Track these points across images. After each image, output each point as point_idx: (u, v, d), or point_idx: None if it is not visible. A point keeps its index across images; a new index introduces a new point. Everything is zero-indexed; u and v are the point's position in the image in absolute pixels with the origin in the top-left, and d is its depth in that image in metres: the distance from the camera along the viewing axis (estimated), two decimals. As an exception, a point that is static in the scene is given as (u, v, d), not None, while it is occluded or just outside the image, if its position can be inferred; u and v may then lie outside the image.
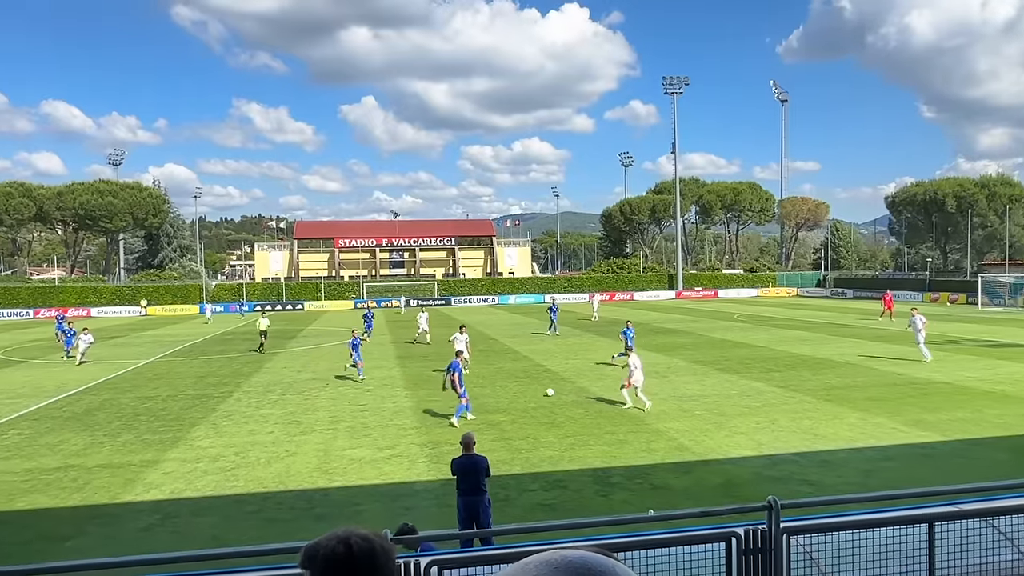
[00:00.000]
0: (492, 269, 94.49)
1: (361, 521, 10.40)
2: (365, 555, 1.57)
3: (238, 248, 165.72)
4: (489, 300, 74.78)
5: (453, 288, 78.01)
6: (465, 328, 25.15)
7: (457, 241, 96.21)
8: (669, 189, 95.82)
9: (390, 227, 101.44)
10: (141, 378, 25.03)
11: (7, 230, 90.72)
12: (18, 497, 11.89)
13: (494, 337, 37.28)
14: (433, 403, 19.01)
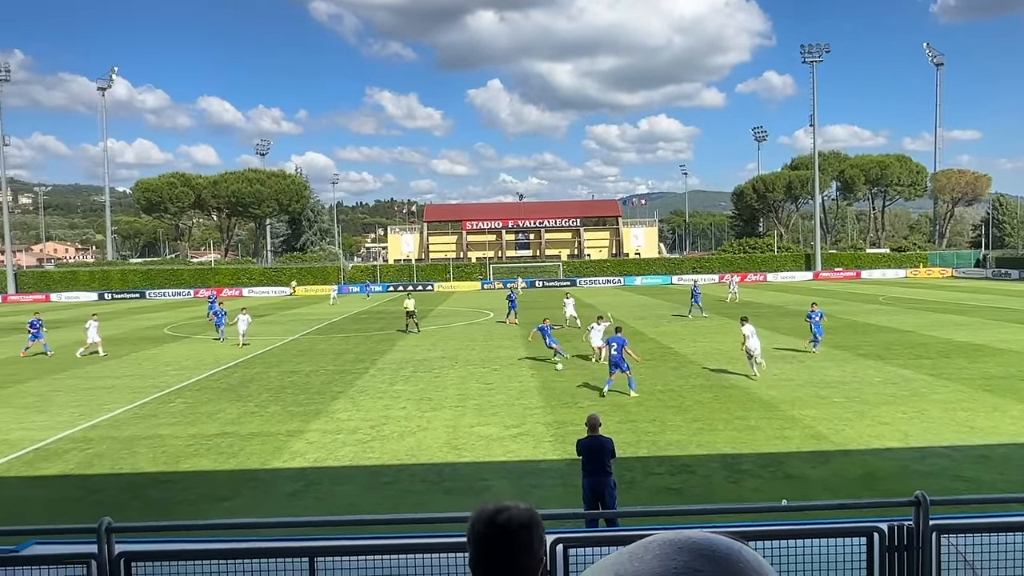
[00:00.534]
0: (618, 250, 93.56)
1: (489, 498, 10.68)
2: (522, 523, 1.77)
3: (372, 231, 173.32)
4: (615, 281, 74.17)
5: (578, 269, 77.95)
6: (604, 318, 23.55)
7: (582, 222, 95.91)
8: (807, 164, 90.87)
9: (516, 209, 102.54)
10: (287, 354, 26.80)
11: (171, 217, 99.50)
12: (184, 459, 13.10)
13: (620, 319, 36.94)
14: (559, 383, 19.15)
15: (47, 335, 29.08)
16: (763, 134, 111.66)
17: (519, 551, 1.78)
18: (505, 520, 1.77)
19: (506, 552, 1.77)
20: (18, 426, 15.93)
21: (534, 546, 1.81)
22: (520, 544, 1.78)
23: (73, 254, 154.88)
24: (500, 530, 1.77)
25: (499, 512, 1.80)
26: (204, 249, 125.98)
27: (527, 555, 1.79)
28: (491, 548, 1.77)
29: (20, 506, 10.88)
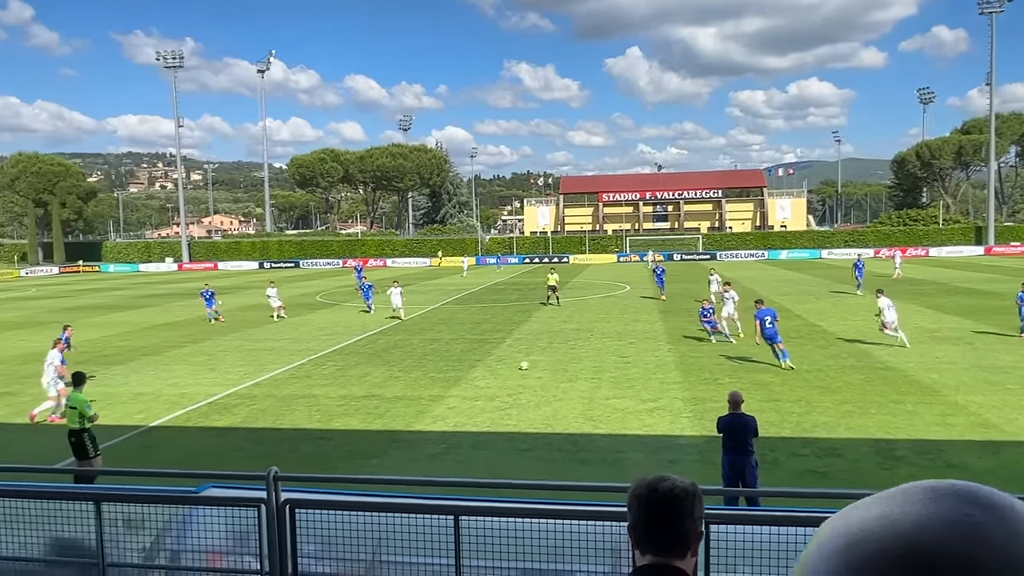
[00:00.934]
0: (762, 222, 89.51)
1: (624, 471, 10.68)
2: (686, 491, 1.88)
3: (509, 204, 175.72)
4: (758, 255, 71.08)
5: (719, 242, 75.38)
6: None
7: (724, 193, 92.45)
8: (981, 127, 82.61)
9: (654, 180, 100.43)
10: (428, 322, 27.87)
11: (322, 191, 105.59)
12: (336, 418, 14.02)
13: (763, 294, 35.45)
14: (698, 359, 18.71)
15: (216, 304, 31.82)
16: (929, 95, 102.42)
17: (683, 517, 1.86)
18: (669, 487, 1.87)
19: (669, 518, 1.85)
20: (194, 382, 17.64)
21: (695, 514, 1.89)
22: (683, 511, 1.86)
23: (236, 226, 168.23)
24: (664, 496, 1.86)
25: (662, 480, 1.90)
26: (351, 221, 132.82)
27: (690, 522, 1.88)
28: (655, 513, 1.86)
29: (197, 453, 12.07)
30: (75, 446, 10.24)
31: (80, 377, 10.78)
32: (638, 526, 1.90)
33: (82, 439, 10.22)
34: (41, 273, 75.04)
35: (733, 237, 77.42)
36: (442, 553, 5.03)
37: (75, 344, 21.74)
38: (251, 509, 5.09)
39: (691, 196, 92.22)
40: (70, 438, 10.28)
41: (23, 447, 12.61)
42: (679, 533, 1.87)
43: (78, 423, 10.23)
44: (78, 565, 5.46)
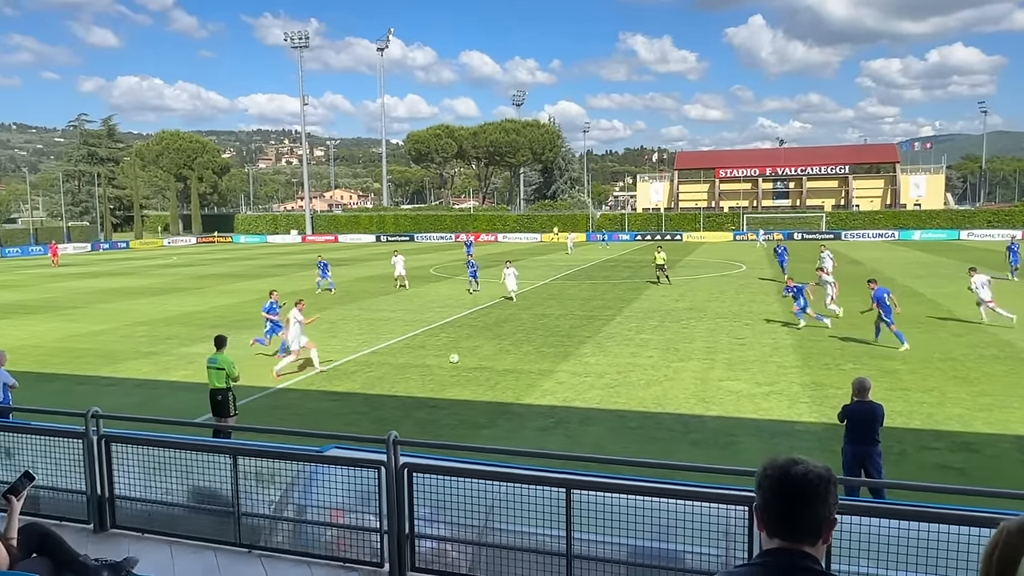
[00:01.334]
0: (893, 200, 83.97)
1: (737, 454, 10.41)
2: (820, 476, 1.82)
3: (621, 179, 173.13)
4: (887, 235, 66.79)
5: (844, 221, 71.32)
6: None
7: (851, 169, 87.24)
8: None
9: (775, 155, 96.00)
10: (538, 297, 28.03)
11: (436, 166, 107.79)
12: (448, 388, 14.40)
13: (891, 277, 33.36)
14: (818, 343, 17.89)
15: (332, 274, 33.24)
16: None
17: (817, 503, 1.81)
18: (803, 472, 1.82)
19: (802, 503, 1.80)
20: (318, 348, 18.55)
21: (829, 500, 1.82)
22: (817, 497, 1.81)
23: (355, 200, 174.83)
24: (798, 480, 1.81)
25: (795, 463, 1.84)
26: (464, 196, 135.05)
27: (823, 508, 1.82)
28: (787, 497, 1.81)
29: (320, 414, 12.74)
30: (220, 404, 10.91)
31: (222, 340, 11.39)
32: (768, 510, 1.85)
33: (227, 398, 10.93)
34: (181, 243, 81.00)
35: (860, 216, 73.01)
36: (553, 524, 5.08)
37: (210, 309, 23.33)
38: (372, 470, 5.32)
39: (815, 172, 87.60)
40: (215, 396, 10.92)
41: (168, 402, 13.72)
42: (812, 520, 1.81)
43: (224, 383, 10.88)
44: (216, 513, 5.90)
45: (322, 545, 5.63)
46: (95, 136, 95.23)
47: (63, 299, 30.16)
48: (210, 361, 11.01)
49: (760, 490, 1.87)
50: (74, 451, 6.28)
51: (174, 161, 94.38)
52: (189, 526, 5.96)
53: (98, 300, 29.66)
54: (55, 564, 4.04)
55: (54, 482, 6.43)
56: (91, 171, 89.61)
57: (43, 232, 74.38)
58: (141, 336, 20.80)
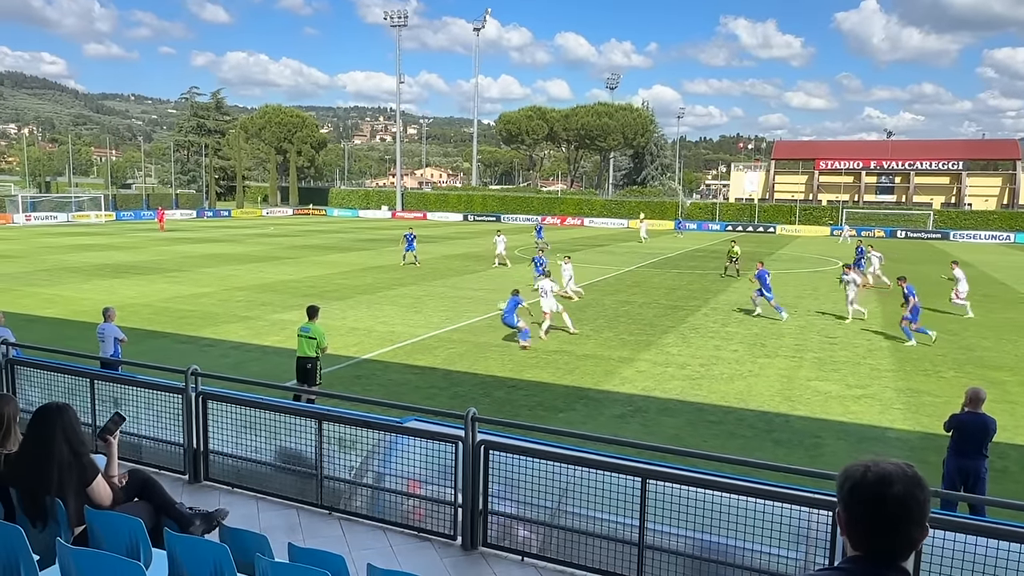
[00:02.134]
0: (1012, 200, 78.47)
1: (821, 456, 10.04)
2: (918, 488, 1.71)
3: (714, 167, 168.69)
4: (1001, 237, 62.54)
5: (954, 220, 67.16)
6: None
7: (966, 165, 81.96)
8: None
9: (881, 148, 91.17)
10: (621, 284, 27.74)
11: (526, 148, 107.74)
12: (527, 369, 14.47)
13: (1003, 281, 31.30)
14: (917, 347, 17.00)
15: (417, 247, 33.86)
16: None
17: (912, 524, 1.70)
18: (901, 495, 1.69)
19: (897, 522, 1.70)
20: (401, 322, 19.00)
21: (925, 520, 1.72)
22: (913, 518, 1.70)
23: (445, 179, 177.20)
24: (896, 503, 1.69)
25: (891, 481, 1.71)
26: (552, 179, 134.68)
27: (918, 530, 1.71)
28: (882, 516, 1.71)
29: (401, 386, 13.06)
30: (308, 372, 11.23)
31: (315, 310, 11.74)
32: (858, 524, 1.74)
33: (315, 366, 11.27)
34: (278, 213, 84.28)
35: (972, 215, 68.57)
36: (626, 512, 5.04)
37: (303, 278, 24.18)
38: (449, 445, 5.41)
39: (924, 167, 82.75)
40: (304, 364, 11.25)
41: (261, 365, 14.35)
42: (907, 539, 1.71)
43: (314, 351, 11.22)
44: (300, 474, 6.15)
45: (398, 513, 5.79)
46: (204, 108, 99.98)
47: (170, 262, 31.95)
48: (302, 330, 11.31)
49: (849, 505, 1.75)
50: (174, 405, 6.68)
51: (275, 135, 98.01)
52: (275, 484, 6.24)
53: (201, 264, 31.27)
54: (155, 509, 4.31)
55: (155, 433, 6.85)
56: (199, 142, 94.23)
57: (154, 198, 78.88)
58: (239, 301, 21.81)
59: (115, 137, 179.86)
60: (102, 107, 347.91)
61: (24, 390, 7.68)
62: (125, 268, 29.59)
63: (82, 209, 65.69)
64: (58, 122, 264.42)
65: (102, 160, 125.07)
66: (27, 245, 39.11)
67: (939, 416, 11.65)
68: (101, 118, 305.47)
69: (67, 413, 3.99)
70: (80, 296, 22.05)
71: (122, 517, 3.71)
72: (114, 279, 26.36)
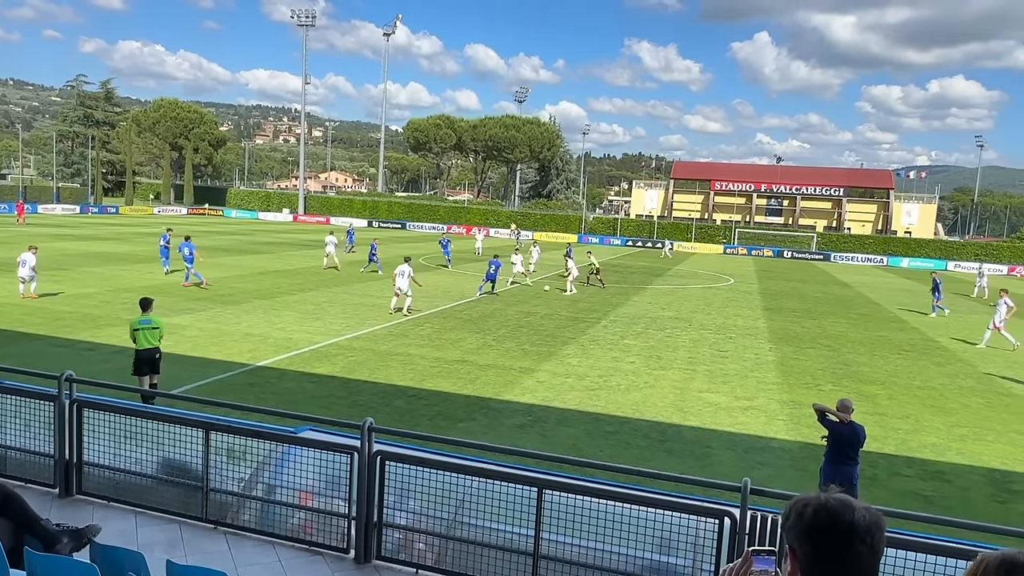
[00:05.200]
0: (884, 226, 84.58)
1: (711, 466, 10.44)
2: (874, 524, 1.66)
3: (617, 184, 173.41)
4: (875, 260, 67.27)
5: (835, 243, 71.74)
6: None
7: (846, 192, 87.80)
8: None
9: (771, 172, 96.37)
10: (525, 295, 28.01)
11: (434, 156, 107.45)
12: (428, 379, 14.35)
13: (877, 302, 33.62)
14: (800, 361, 17.98)
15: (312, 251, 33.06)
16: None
17: (869, 555, 1.68)
18: (852, 521, 1.66)
19: (853, 554, 1.66)
20: (299, 328, 18.46)
21: (878, 549, 1.69)
22: (870, 549, 1.67)
23: (350, 184, 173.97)
24: (849, 529, 1.66)
25: (843, 508, 1.68)
26: (459, 189, 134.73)
27: (872, 560, 1.69)
28: (836, 547, 1.67)
29: (297, 395, 12.67)
30: (157, 362, 11.43)
31: (149, 301, 11.84)
32: (810, 558, 1.68)
33: (161, 356, 11.54)
34: (171, 212, 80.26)
35: (851, 239, 73.47)
36: (522, 523, 5.06)
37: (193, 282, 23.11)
38: (344, 455, 5.28)
39: (809, 192, 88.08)
40: (153, 355, 11.36)
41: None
42: (863, 571, 1.67)
43: (158, 342, 11.49)
44: (184, 486, 5.84)
45: (289, 527, 5.59)
46: (92, 98, 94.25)
47: (48, 260, 29.79)
48: (142, 322, 11.38)
49: (799, 536, 1.69)
50: (45, 413, 6.21)
51: (170, 130, 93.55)
52: (156, 497, 5.90)
53: (83, 263, 29.37)
54: (15, 525, 3.98)
55: (22, 443, 6.35)
56: (86, 133, 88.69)
57: (32, 191, 73.46)
58: (124, 303, 20.59)
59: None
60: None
61: None
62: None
63: (-53, 199, 60.39)
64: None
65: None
66: None
67: (818, 427, 12.36)
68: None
69: None
70: (-59, 294, 20.24)
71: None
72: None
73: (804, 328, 23.38)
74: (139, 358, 11.33)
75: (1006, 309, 21.76)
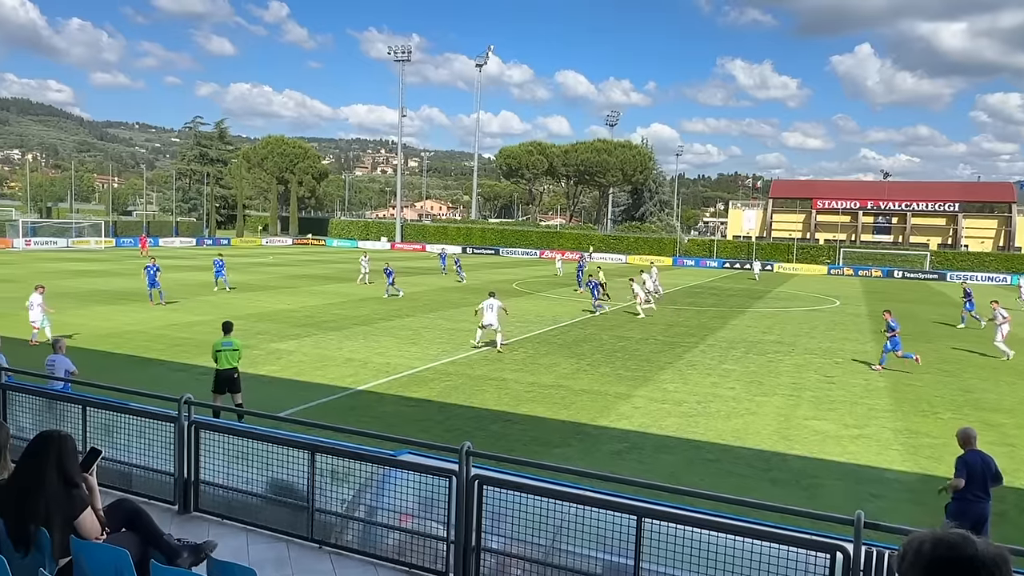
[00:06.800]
0: (1007, 243, 78.92)
1: (819, 497, 9.93)
2: (996, 561, 1.57)
3: (712, 205, 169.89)
4: (997, 279, 62.74)
5: (950, 261, 67.46)
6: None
7: (962, 207, 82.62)
8: None
9: (878, 188, 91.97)
10: (619, 319, 27.72)
11: (526, 182, 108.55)
12: (523, 403, 14.38)
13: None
14: (915, 387, 16.94)
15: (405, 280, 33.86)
16: None
17: None
18: (971, 556, 1.57)
19: None
20: (398, 353, 18.93)
21: None
22: None
23: (444, 211, 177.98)
24: (970, 561, 1.57)
25: (961, 544, 1.59)
26: (551, 213, 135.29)
27: None
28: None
29: (395, 418, 12.95)
30: (236, 381, 12.25)
31: (230, 325, 12.84)
32: None
33: (239, 376, 12.37)
34: (278, 243, 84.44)
35: (969, 256, 68.91)
36: (621, 552, 4.96)
37: (299, 308, 24.10)
38: (443, 479, 5.35)
39: (921, 208, 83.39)
40: (232, 375, 12.20)
41: (255, 395, 14.22)
42: None
43: (238, 362, 12.41)
44: (291, 507, 6.06)
45: (389, 548, 5.69)
46: (207, 138, 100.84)
47: (167, 290, 31.91)
48: (224, 344, 12.26)
49: (921, 572, 1.61)
50: (166, 434, 6.60)
51: (277, 165, 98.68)
52: (265, 516, 6.15)
53: (198, 292, 31.24)
54: (142, 540, 4.23)
55: (146, 462, 6.77)
56: (201, 170, 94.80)
57: (154, 225, 79.01)
58: (236, 330, 21.70)
59: (118, 164, 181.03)
60: (106, 134, 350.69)
61: (16, 416, 7.60)
62: (122, 294, 29.54)
63: (82, 235, 65.80)
64: (62, 148, 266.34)
65: (104, 187, 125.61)
66: (25, 270, 39.09)
67: (937, 458, 11.59)
68: (105, 145, 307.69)
69: (65, 444, 3.94)
70: (77, 322, 21.96)
71: (109, 548, 3.65)
72: (110, 305, 26.30)
73: (919, 352, 22.01)
74: (220, 377, 12.21)
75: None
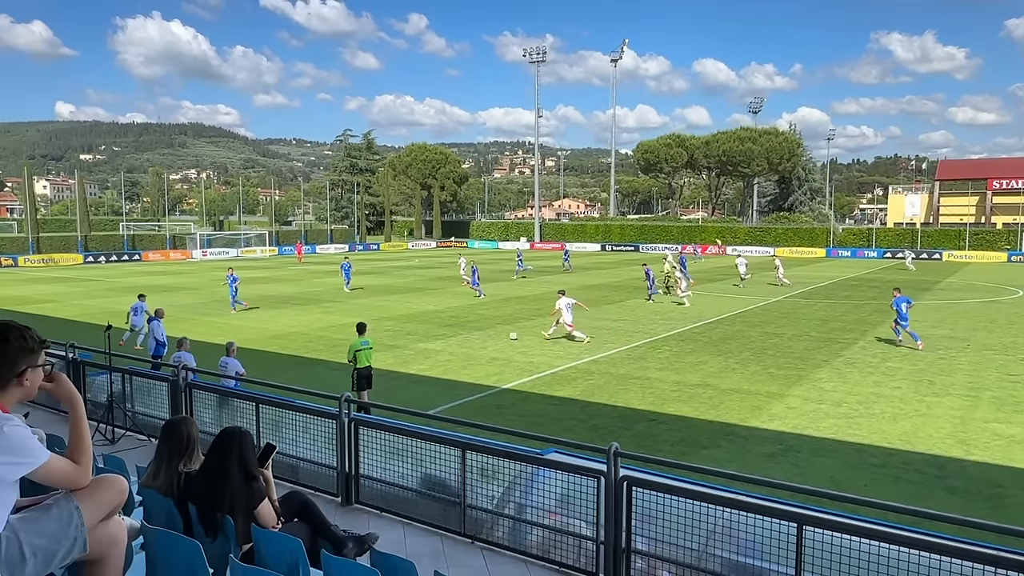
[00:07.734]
0: None
1: (1005, 508, 9.01)
2: None
3: (869, 191, 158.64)
4: None
5: None
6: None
7: None
8: None
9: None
10: (768, 315, 26.50)
11: (665, 176, 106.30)
12: (668, 403, 14.08)
13: None
14: (1119, 387, 14.99)
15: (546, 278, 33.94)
16: None
17: None
18: None
19: None
20: (540, 352, 19.12)
21: None
22: None
23: (582, 209, 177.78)
24: None
25: None
26: (692, 207, 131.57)
27: None
28: None
29: (540, 417, 13.09)
30: (370, 378, 12.95)
31: (364, 325, 13.43)
32: None
33: (373, 372, 13.09)
34: (423, 246, 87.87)
35: None
36: (779, 560, 4.74)
37: (445, 308, 24.90)
38: (591, 479, 5.33)
39: (1122, 184, 73.59)
40: (369, 372, 12.95)
41: (407, 393, 14.90)
42: None
43: (371, 361, 13.05)
44: (444, 502, 6.28)
45: (539, 546, 5.75)
46: (356, 149, 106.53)
47: (325, 294, 34.07)
48: (363, 343, 12.95)
49: None
50: (328, 430, 7.04)
51: (420, 171, 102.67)
52: (420, 510, 6.40)
53: (352, 296, 33.09)
54: (312, 530, 4.54)
55: (311, 456, 7.25)
56: (352, 180, 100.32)
57: (310, 233, 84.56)
58: (386, 330, 22.82)
59: (278, 178, 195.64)
60: (267, 151, 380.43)
61: (199, 412, 8.38)
62: (285, 299, 31.84)
63: (250, 245, 71.74)
64: (230, 166, 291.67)
65: (267, 199, 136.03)
66: (203, 278, 43.06)
67: None
68: (267, 161, 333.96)
69: (246, 440, 4.30)
70: (247, 325, 23.93)
71: (284, 537, 3.94)
72: (275, 309, 28.42)
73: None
74: (360, 375, 12.94)
75: None
